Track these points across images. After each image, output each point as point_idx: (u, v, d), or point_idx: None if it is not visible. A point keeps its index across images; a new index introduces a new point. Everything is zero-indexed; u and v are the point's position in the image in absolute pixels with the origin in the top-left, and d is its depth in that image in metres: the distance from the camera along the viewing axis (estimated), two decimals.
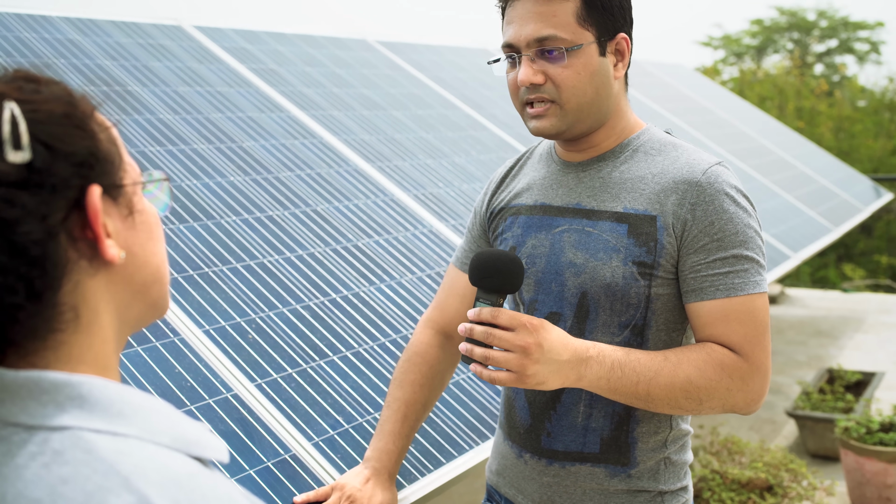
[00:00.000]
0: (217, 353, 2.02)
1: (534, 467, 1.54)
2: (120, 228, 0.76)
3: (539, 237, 1.52)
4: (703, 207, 1.40)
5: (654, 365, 1.37)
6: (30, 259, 0.68)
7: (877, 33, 20.88)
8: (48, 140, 0.70)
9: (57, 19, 3.27)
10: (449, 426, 2.12)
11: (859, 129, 12.77)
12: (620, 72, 1.49)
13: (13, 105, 0.69)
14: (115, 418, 0.70)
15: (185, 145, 2.81)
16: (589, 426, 1.49)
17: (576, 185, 1.52)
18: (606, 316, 1.45)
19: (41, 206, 0.68)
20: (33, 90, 0.73)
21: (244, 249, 2.42)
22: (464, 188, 3.47)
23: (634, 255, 1.42)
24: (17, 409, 0.69)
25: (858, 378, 5.07)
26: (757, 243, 1.42)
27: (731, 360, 1.39)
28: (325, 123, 3.43)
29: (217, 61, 3.53)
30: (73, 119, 0.73)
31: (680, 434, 1.54)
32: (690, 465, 1.57)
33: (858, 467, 3.83)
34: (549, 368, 1.31)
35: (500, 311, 1.31)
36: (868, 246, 11.27)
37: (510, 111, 4.68)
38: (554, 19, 1.41)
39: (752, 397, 1.41)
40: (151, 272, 0.80)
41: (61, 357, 0.72)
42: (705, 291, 1.40)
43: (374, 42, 4.72)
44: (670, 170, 1.45)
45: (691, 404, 1.39)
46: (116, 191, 0.76)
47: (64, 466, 0.65)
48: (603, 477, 1.50)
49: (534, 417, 1.54)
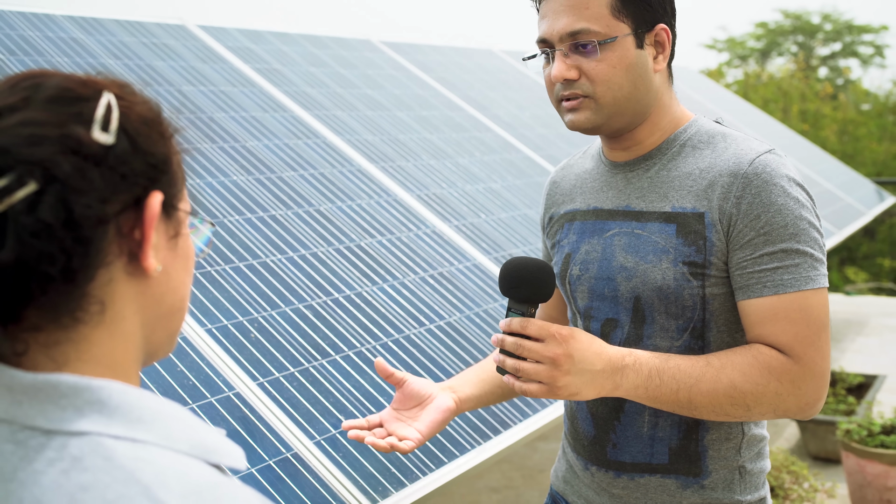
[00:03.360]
0: (219, 351, 2.02)
1: (601, 480, 1.48)
2: (163, 245, 0.77)
3: (592, 242, 1.47)
4: (748, 200, 1.32)
5: (695, 371, 1.31)
6: (78, 235, 0.69)
7: (881, 37, 20.88)
8: (133, 134, 0.74)
9: (61, 18, 3.28)
10: (452, 425, 2.12)
11: (863, 132, 12.77)
12: (661, 64, 1.41)
13: (111, 96, 0.74)
14: (135, 424, 0.69)
15: (188, 145, 2.81)
16: (655, 436, 1.43)
17: (625, 187, 1.46)
18: (663, 320, 1.39)
19: (107, 189, 0.70)
20: (131, 93, 0.78)
21: (247, 249, 2.43)
22: (467, 189, 3.47)
23: (684, 256, 1.36)
24: (36, 413, 0.68)
25: (860, 381, 5.06)
26: (811, 236, 1.32)
27: (780, 362, 1.31)
28: (328, 123, 3.44)
29: (221, 61, 3.54)
30: (159, 127, 0.78)
31: (754, 440, 1.45)
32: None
33: (860, 470, 3.83)
34: (581, 379, 1.27)
35: (531, 321, 1.27)
36: (871, 249, 11.26)
37: (514, 112, 4.68)
38: (587, 12, 1.35)
39: (807, 401, 1.32)
40: (179, 299, 0.81)
41: (82, 354, 0.72)
42: (752, 289, 1.33)
43: (378, 43, 4.72)
44: (718, 162, 1.38)
45: (738, 411, 1.31)
46: (171, 210, 0.78)
47: (83, 473, 0.64)
48: (675, 489, 1.43)
49: (598, 429, 1.48)
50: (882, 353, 6.40)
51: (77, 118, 0.71)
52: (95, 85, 0.75)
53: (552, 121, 4.84)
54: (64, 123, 0.70)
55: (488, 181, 3.65)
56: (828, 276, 1.35)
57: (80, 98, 0.72)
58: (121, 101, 0.75)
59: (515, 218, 3.43)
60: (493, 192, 3.56)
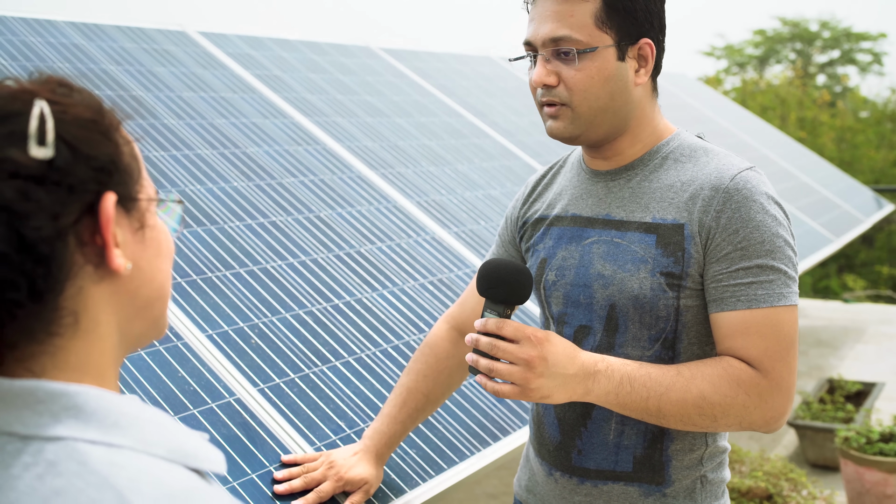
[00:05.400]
0: (220, 357, 2.03)
1: (564, 486, 1.49)
2: (129, 241, 0.76)
3: (570, 249, 1.48)
4: (728, 214, 1.34)
5: (665, 380, 1.32)
6: (36, 256, 0.68)
7: (879, 44, 20.91)
8: (72, 141, 0.71)
9: (62, 24, 3.28)
10: (451, 432, 2.12)
11: (861, 139, 12.79)
12: (642, 78, 1.42)
13: (43, 103, 0.70)
14: (111, 429, 0.69)
15: (189, 150, 2.82)
16: (621, 444, 1.44)
17: (605, 195, 1.47)
18: (636, 329, 1.40)
19: (55, 204, 0.69)
20: (65, 94, 0.74)
21: (247, 255, 2.43)
22: (466, 195, 3.48)
23: (662, 266, 1.37)
24: (12, 418, 0.68)
25: (859, 388, 5.07)
26: (786, 254, 1.34)
27: (749, 375, 1.32)
28: (328, 130, 3.45)
29: (221, 67, 3.55)
30: (99, 126, 0.74)
31: (717, 451, 1.47)
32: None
33: (858, 477, 3.84)
34: (554, 382, 1.28)
35: (506, 322, 1.28)
36: (869, 257, 11.27)
37: (512, 119, 4.69)
38: (570, 20, 1.36)
39: (772, 415, 1.34)
40: (156, 288, 0.79)
41: (59, 364, 0.72)
42: (726, 302, 1.34)
43: (378, 49, 4.74)
44: (699, 176, 1.39)
45: (705, 421, 1.33)
46: (131, 203, 0.76)
47: (57, 478, 0.65)
48: (637, 496, 1.44)
49: (564, 434, 1.49)
50: (880, 361, 6.41)
51: (10, 139, 0.68)
52: (24, 95, 0.71)
53: None
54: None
55: (487, 188, 3.66)
56: (798, 294, 1.37)
57: (9, 115, 0.69)
58: (55, 107, 0.71)
59: None
60: (493, 199, 3.57)
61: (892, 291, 10.01)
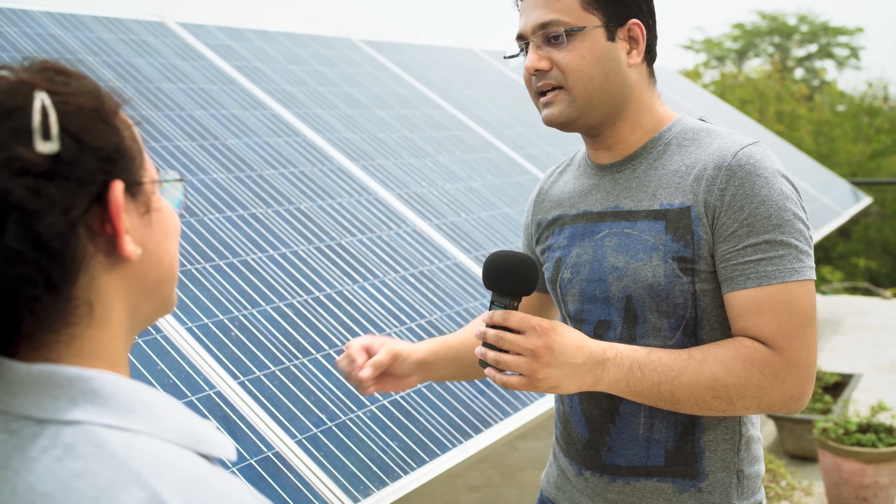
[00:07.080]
0: (200, 350, 2.01)
1: (596, 485, 1.46)
2: (137, 225, 0.76)
3: (583, 245, 1.47)
4: (732, 191, 1.32)
5: (676, 364, 1.29)
6: (50, 251, 0.68)
7: (856, 39, 21.09)
8: (76, 133, 0.70)
9: (38, 13, 3.25)
10: (433, 424, 2.12)
11: (838, 133, 12.89)
12: (635, 59, 1.42)
13: (44, 95, 0.69)
14: (126, 414, 0.70)
15: (167, 142, 2.80)
16: (651, 438, 1.41)
17: (613, 188, 1.46)
18: (655, 319, 1.38)
19: (65, 199, 0.69)
20: (63, 82, 0.73)
21: (227, 247, 2.42)
22: (447, 188, 3.47)
23: (674, 252, 1.35)
24: (30, 403, 0.69)
25: (836, 380, 5.11)
26: (796, 227, 1.31)
27: (763, 354, 1.29)
28: (308, 122, 3.43)
29: (200, 58, 3.52)
30: (102, 114, 0.74)
31: (751, 441, 1.44)
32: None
33: (836, 468, 3.87)
34: (561, 372, 1.26)
35: (512, 313, 1.27)
36: (846, 249, 11.37)
37: (493, 111, 4.69)
38: (557, 4, 1.39)
39: (791, 394, 1.29)
40: (165, 269, 0.80)
41: (73, 351, 0.72)
42: (736, 281, 1.31)
43: (358, 41, 4.71)
44: (702, 157, 1.38)
45: (721, 404, 1.30)
46: (136, 188, 0.76)
47: (76, 461, 0.65)
48: (671, 492, 1.41)
49: (592, 432, 1.46)
50: (857, 352, 6.46)
51: (14, 135, 0.68)
52: (24, 87, 0.70)
53: (532, 120, 4.85)
54: (3, 145, 0.67)
55: (468, 180, 3.66)
56: (814, 269, 1.34)
57: (12, 110, 0.69)
58: (55, 98, 0.70)
59: (496, 217, 3.44)
60: (474, 191, 3.57)
61: (868, 284, 10.11)
